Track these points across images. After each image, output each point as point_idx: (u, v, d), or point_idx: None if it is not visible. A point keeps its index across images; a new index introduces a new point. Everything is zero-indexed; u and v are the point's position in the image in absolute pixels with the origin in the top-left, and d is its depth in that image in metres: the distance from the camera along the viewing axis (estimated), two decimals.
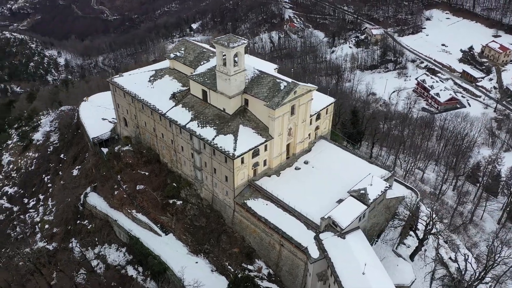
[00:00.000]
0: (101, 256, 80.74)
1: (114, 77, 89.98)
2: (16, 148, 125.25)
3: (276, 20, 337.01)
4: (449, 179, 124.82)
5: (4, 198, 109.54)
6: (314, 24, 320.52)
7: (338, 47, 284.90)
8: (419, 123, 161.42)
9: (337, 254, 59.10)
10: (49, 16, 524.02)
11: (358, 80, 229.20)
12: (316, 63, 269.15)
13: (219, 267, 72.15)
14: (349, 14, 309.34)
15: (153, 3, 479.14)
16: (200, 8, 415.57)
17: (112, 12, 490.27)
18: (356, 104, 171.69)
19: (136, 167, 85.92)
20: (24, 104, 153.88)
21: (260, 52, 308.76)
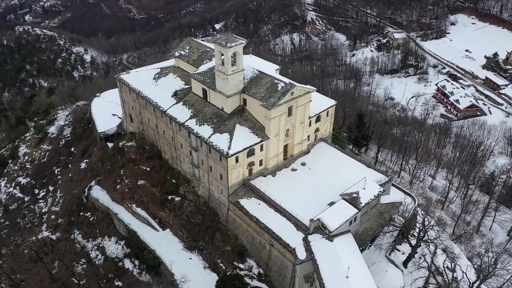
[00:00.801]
0: (101, 248, 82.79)
1: (121, 73, 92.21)
2: (32, 140, 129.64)
3: (298, 22, 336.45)
4: (460, 187, 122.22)
5: (17, 188, 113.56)
6: (336, 26, 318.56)
7: (359, 51, 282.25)
8: (435, 130, 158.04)
9: (323, 256, 58.83)
10: (78, 14, 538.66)
11: (376, 84, 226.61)
12: (336, 66, 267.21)
13: (212, 264, 72.98)
14: (372, 17, 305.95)
15: (178, 3, 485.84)
16: (224, 8, 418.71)
17: (139, 11, 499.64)
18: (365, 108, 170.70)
19: (139, 162, 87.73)
20: (44, 98, 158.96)
21: (280, 53, 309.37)
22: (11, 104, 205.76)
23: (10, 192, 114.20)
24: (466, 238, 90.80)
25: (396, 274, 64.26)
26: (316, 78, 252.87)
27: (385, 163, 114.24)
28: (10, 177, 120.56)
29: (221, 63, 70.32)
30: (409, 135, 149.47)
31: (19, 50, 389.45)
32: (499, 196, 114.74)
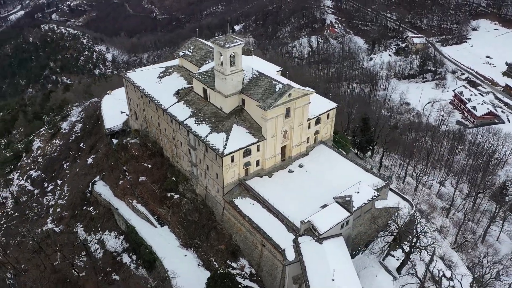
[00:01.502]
0: (101, 242, 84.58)
1: (127, 71, 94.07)
2: (45, 135, 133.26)
3: (317, 25, 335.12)
4: (469, 195, 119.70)
5: (28, 181, 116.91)
6: (355, 30, 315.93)
7: (377, 55, 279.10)
8: (448, 136, 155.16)
9: (311, 258, 58.91)
10: (103, 14, 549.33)
11: (392, 89, 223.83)
12: (352, 69, 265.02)
13: (206, 262, 73.73)
14: (392, 21, 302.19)
15: (200, 4, 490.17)
16: (245, 10, 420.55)
17: (161, 12, 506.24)
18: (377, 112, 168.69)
19: (141, 159, 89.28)
20: (60, 95, 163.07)
21: (297, 56, 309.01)
22: (31, 100, 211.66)
23: (22, 184, 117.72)
24: (469, 247, 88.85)
25: (386, 280, 63.62)
26: (332, 81, 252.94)
27: (391, 168, 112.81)
28: (23, 170, 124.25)
29: (220, 63, 71.09)
30: (419, 141, 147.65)
31: (44, 48, 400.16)
32: (508, 206, 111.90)
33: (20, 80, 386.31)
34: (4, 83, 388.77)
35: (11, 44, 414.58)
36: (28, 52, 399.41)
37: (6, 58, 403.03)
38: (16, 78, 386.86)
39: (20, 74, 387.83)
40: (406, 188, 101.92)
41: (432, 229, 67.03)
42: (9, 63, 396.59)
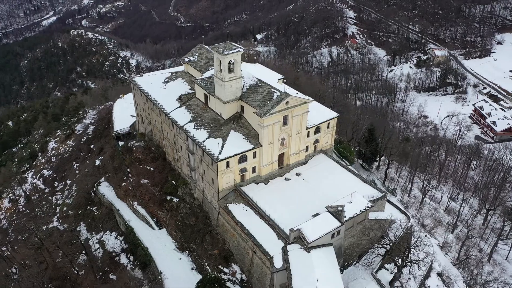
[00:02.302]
0: (101, 242, 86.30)
1: (135, 76, 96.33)
2: (61, 136, 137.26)
3: (338, 36, 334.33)
4: (480, 212, 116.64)
5: (41, 179, 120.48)
6: (377, 41, 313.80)
7: (398, 66, 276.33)
8: (463, 151, 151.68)
9: (298, 267, 58.60)
10: (130, 21, 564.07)
11: (410, 101, 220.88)
12: (372, 80, 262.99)
13: (199, 266, 74.19)
14: (414, 33, 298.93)
15: (224, 13, 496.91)
16: (268, 19, 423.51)
17: (186, 19, 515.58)
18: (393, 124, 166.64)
19: (144, 162, 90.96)
20: (79, 97, 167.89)
21: (317, 66, 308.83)
22: (54, 102, 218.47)
23: (35, 183, 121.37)
24: (472, 264, 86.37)
25: None
26: (350, 91, 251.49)
27: (398, 181, 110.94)
28: (37, 169, 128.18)
29: (220, 69, 72.11)
30: (433, 155, 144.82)
31: (71, 52, 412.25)
32: None
33: (48, 83, 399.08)
34: (33, 85, 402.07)
35: (41, 48, 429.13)
36: (56, 56, 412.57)
37: (36, 61, 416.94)
38: (44, 81, 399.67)
39: (48, 77, 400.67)
40: (410, 201, 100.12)
41: (427, 244, 65.19)
42: (39, 66, 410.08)
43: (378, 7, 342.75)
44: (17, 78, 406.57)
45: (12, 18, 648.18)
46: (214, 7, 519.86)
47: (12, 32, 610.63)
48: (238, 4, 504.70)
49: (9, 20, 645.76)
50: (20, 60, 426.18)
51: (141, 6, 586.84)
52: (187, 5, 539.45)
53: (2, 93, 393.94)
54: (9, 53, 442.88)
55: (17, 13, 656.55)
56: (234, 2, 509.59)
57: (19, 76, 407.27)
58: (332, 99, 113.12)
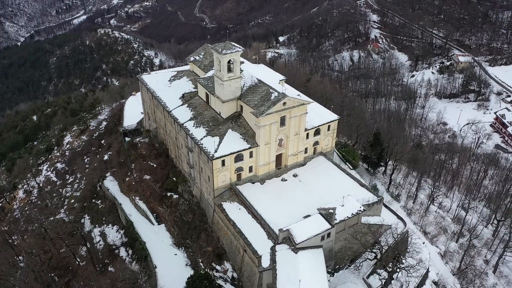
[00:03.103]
0: (103, 234, 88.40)
1: (143, 74, 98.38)
2: (76, 131, 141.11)
3: (361, 39, 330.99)
4: (491, 222, 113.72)
5: (54, 172, 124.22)
6: (400, 46, 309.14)
7: (420, 72, 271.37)
8: (479, 159, 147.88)
9: (283, 267, 58.86)
10: (157, 21, 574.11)
11: (429, 107, 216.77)
12: (392, 85, 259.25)
13: (193, 262, 74.99)
14: (438, 38, 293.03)
15: (249, 14, 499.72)
16: (291, 22, 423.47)
17: (211, 20, 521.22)
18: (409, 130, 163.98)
19: (148, 158, 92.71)
20: (96, 94, 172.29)
21: (338, 69, 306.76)
22: (76, 98, 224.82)
23: (48, 175, 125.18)
24: (472, 274, 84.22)
25: None
26: (369, 96, 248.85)
27: (405, 186, 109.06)
28: (52, 162, 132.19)
29: (219, 69, 72.96)
30: (446, 162, 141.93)
31: (98, 50, 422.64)
32: None
33: (74, 79, 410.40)
34: (60, 81, 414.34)
35: (69, 46, 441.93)
36: (83, 54, 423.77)
37: (64, 58, 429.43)
38: (71, 77, 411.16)
39: (75, 74, 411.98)
40: (415, 208, 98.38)
41: (418, 250, 64.13)
42: (66, 63, 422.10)
43: (403, 11, 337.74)
44: (45, 74, 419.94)
45: (44, 17, 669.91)
46: (239, 8, 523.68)
47: (44, 30, 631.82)
48: (262, 6, 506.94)
49: (42, 18, 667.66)
50: (49, 57, 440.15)
51: (167, 7, 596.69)
52: (213, 6, 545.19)
53: (31, 88, 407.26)
54: (39, 50, 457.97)
55: (49, 12, 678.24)
56: (259, 4, 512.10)
57: (47, 73, 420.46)
58: (341, 102, 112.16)
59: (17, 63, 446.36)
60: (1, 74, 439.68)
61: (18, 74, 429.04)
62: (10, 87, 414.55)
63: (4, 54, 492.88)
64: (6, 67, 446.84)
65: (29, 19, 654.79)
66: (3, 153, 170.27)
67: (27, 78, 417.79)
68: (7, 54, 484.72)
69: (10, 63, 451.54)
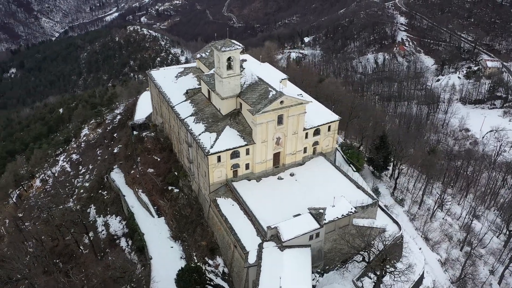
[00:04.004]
0: (107, 224, 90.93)
1: (152, 69, 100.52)
2: (93, 124, 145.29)
3: (387, 42, 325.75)
4: (503, 232, 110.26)
5: (69, 163, 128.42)
6: (426, 49, 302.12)
7: (445, 76, 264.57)
8: (496, 167, 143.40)
9: (268, 264, 59.16)
10: (185, 19, 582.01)
11: (452, 112, 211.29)
12: (416, 89, 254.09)
13: (188, 256, 76.24)
14: (467, 42, 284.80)
15: (276, 15, 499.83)
16: (318, 22, 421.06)
17: (238, 20, 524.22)
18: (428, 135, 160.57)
19: (153, 152, 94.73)
20: (116, 89, 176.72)
21: (361, 71, 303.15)
22: (100, 93, 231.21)
23: (63, 165, 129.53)
24: (470, 283, 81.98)
25: None
26: (392, 99, 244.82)
27: (412, 191, 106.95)
28: (68, 153, 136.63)
29: (219, 66, 73.83)
30: (462, 169, 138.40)
31: (126, 47, 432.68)
32: None
33: (103, 75, 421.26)
34: (90, 76, 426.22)
35: (100, 42, 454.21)
36: (113, 50, 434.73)
37: (94, 54, 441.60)
38: (100, 73, 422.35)
39: (103, 69, 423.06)
40: (419, 213, 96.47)
41: (406, 255, 63.15)
42: (96, 59, 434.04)
43: (432, 13, 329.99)
44: (76, 69, 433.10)
45: (79, 13, 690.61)
46: (267, 8, 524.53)
47: (77, 26, 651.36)
48: (290, 7, 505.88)
49: (76, 14, 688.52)
50: (80, 52, 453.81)
51: (197, 5, 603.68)
52: (241, 5, 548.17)
53: (62, 82, 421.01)
54: (71, 45, 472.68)
55: (83, 8, 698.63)
56: (287, 4, 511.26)
57: (78, 67, 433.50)
58: (351, 104, 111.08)
59: (50, 57, 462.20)
60: (34, 67, 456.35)
61: (51, 68, 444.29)
62: (43, 81, 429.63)
63: (39, 48, 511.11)
64: (40, 61, 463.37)
65: (64, 15, 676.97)
66: (27, 143, 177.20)
67: (58, 72, 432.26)
68: (41, 49, 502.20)
69: (43, 57, 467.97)
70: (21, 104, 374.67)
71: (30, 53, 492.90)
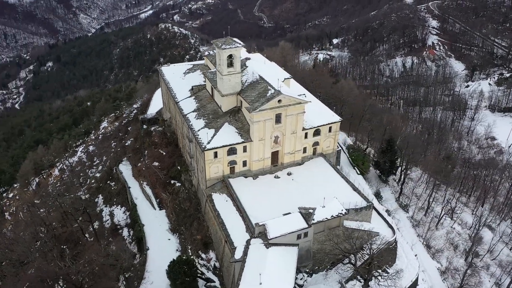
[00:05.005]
0: (112, 214, 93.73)
1: (163, 65, 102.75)
2: (112, 117, 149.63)
3: (416, 45, 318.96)
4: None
5: (85, 154, 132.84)
6: (457, 54, 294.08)
7: (475, 82, 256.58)
8: None
9: (252, 260, 59.62)
10: (217, 18, 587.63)
11: (478, 120, 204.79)
12: (443, 95, 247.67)
13: (183, 248, 77.69)
14: (501, 48, 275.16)
15: (307, 15, 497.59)
16: (348, 24, 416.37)
17: (269, 20, 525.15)
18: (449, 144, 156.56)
19: (159, 146, 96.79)
20: (138, 85, 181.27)
21: (388, 75, 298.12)
22: (127, 89, 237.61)
23: (81, 156, 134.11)
24: None
25: None
26: (417, 104, 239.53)
27: (420, 197, 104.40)
28: (86, 144, 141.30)
29: (220, 63, 74.83)
30: (481, 177, 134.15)
31: (157, 44, 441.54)
32: None
33: (133, 70, 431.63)
34: (121, 72, 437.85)
35: (132, 38, 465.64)
36: (144, 46, 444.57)
37: (126, 50, 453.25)
38: (131, 68, 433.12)
39: (134, 65, 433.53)
40: (424, 220, 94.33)
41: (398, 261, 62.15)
42: (128, 55, 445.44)
43: (465, 17, 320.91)
44: (108, 64, 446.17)
45: (115, 10, 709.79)
46: (298, 9, 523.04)
47: (113, 23, 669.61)
48: (321, 8, 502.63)
49: (113, 11, 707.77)
50: (113, 48, 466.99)
51: (229, 5, 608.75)
52: (272, 5, 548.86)
53: (94, 76, 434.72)
54: (105, 41, 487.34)
55: (119, 6, 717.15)
56: (318, 5, 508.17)
57: (110, 63, 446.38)
58: (364, 106, 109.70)
59: (84, 52, 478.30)
60: (70, 62, 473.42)
61: (85, 63, 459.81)
62: (76, 74, 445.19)
63: (75, 43, 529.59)
64: (75, 56, 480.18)
65: (101, 12, 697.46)
66: (52, 133, 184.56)
67: (91, 66, 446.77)
68: (77, 44, 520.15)
69: (79, 52, 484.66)
70: (56, 96, 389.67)
71: (66, 47, 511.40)
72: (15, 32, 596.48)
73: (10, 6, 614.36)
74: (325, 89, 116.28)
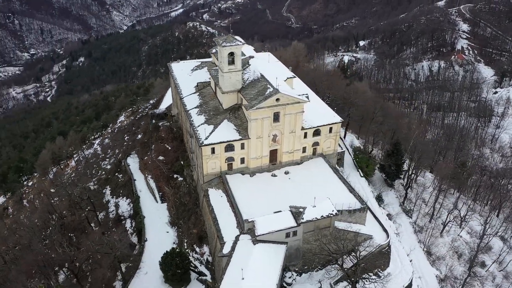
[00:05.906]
0: (117, 205, 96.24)
1: (173, 62, 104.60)
2: (129, 112, 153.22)
3: (445, 49, 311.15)
4: None
5: (101, 146, 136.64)
6: (487, 59, 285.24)
7: (504, 89, 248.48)
8: None
9: (238, 256, 60.20)
10: (246, 18, 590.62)
11: (503, 127, 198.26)
12: (469, 101, 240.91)
13: (180, 241, 79.06)
14: None
15: (335, 17, 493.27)
16: (376, 26, 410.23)
17: (296, 20, 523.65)
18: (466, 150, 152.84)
19: (166, 141, 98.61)
20: (157, 81, 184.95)
21: (413, 79, 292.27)
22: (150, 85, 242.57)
23: (96, 148, 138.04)
24: None
25: None
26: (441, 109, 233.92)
27: (427, 203, 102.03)
28: (103, 137, 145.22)
29: (221, 61, 75.69)
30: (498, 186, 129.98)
31: (185, 42, 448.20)
32: None
33: (160, 68, 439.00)
34: (148, 68, 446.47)
35: (161, 36, 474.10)
36: (172, 44, 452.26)
37: (154, 48, 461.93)
38: (158, 66, 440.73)
39: (161, 63, 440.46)
40: (426, 226, 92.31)
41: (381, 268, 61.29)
42: (156, 52, 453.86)
43: (498, 21, 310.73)
44: (136, 60, 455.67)
45: (146, 8, 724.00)
46: (326, 10, 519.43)
47: (144, 21, 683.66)
48: (350, 9, 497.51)
49: (144, 9, 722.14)
50: (142, 45, 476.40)
51: (258, 4, 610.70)
52: (300, 6, 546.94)
53: (123, 72, 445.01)
54: (134, 38, 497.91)
55: (151, 4, 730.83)
56: (347, 6, 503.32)
57: (138, 59, 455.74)
58: (375, 109, 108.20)
59: (114, 48, 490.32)
60: (100, 57, 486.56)
61: (114, 59, 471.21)
62: (106, 70, 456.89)
63: (106, 40, 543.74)
64: (106, 52, 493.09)
65: (133, 10, 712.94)
66: (74, 126, 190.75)
67: (120, 63, 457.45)
68: (108, 40, 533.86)
69: (109, 48, 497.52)
70: (85, 90, 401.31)
71: (98, 43, 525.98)
72: (51, 28, 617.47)
73: (47, 2, 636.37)
74: (338, 90, 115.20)
